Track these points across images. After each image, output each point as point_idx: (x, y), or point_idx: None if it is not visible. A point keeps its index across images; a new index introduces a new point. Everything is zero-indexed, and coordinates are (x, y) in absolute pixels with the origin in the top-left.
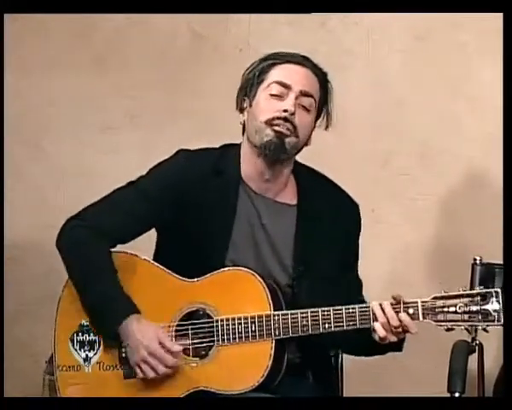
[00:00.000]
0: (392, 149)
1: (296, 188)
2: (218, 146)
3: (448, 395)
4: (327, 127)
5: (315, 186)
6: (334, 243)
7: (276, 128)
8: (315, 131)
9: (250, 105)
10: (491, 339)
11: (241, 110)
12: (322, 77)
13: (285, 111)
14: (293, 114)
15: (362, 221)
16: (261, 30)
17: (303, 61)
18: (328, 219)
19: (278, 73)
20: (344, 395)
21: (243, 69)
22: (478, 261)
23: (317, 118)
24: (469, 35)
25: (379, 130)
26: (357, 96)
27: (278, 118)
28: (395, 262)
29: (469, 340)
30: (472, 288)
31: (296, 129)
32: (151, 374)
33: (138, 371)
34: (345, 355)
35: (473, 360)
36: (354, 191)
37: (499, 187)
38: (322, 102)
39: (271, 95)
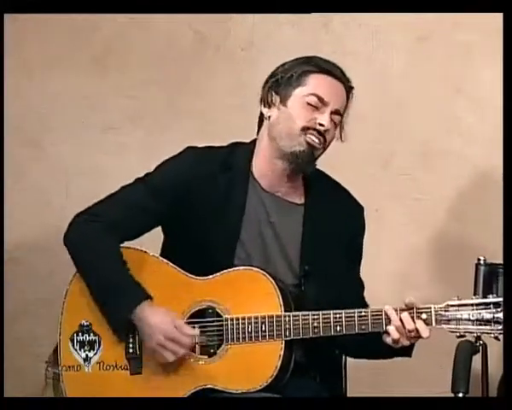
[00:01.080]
0: (395, 149)
1: (303, 188)
2: (226, 144)
3: (452, 395)
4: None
5: (321, 187)
6: (340, 243)
7: (310, 140)
8: None
9: (284, 104)
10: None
11: (269, 105)
12: (349, 91)
13: (321, 125)
14: (327, 130)
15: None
16: (264, 30)
17: (341, 75)
18: (335, 220)
19: (318, 84)
20: (347, 396)
21: (246, 69)
22: (482, 261)
23: None
24: (471, 35)
25: (381, 130)
26: (360, 97)
27: (314, 129)
28: (398, 262)
29: (473, 340)
30: (476, 288)
31: (325, 143)
32: (170, 358)
33: (156, 356)
34: None
35: (477, 360)
36: (357, 191)
37: (502, 187)
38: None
39: (308, 104)
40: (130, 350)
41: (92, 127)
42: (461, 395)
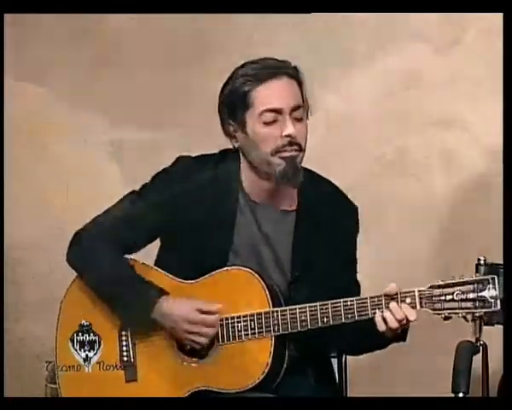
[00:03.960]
0: (395, 150)
1: (296, 193)
2: (217, 151)
3: (452, 395)
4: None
5: (314, 190)
6: (333, 246)
7: (285, 155)
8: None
9: (244, 132)
10: (496, 339)
11: (230, 136)
12: (296, 74)
13: (288, 136)
14: (295, 135)
15: (364, 223)
16: (264, 30)
17: (279, 69)
18: (327, 223)
19: (264, 97)
20: (348, 396)
21: None
22: (482, 261)
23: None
24: (473, 35)
25: (382, 130)
26: (361, 97)
27: (283, 145)
28: (398, 263)
29: (474, 340)
30: None
31: (300, 145)
32: (202, 340)
33: (188, 345)
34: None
35: (477, 360)
36: (357, 192)
37: (502, 187)
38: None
39: (265, 123)
40: (125, 358)
41: (94, 127)
42: (461, 395)
